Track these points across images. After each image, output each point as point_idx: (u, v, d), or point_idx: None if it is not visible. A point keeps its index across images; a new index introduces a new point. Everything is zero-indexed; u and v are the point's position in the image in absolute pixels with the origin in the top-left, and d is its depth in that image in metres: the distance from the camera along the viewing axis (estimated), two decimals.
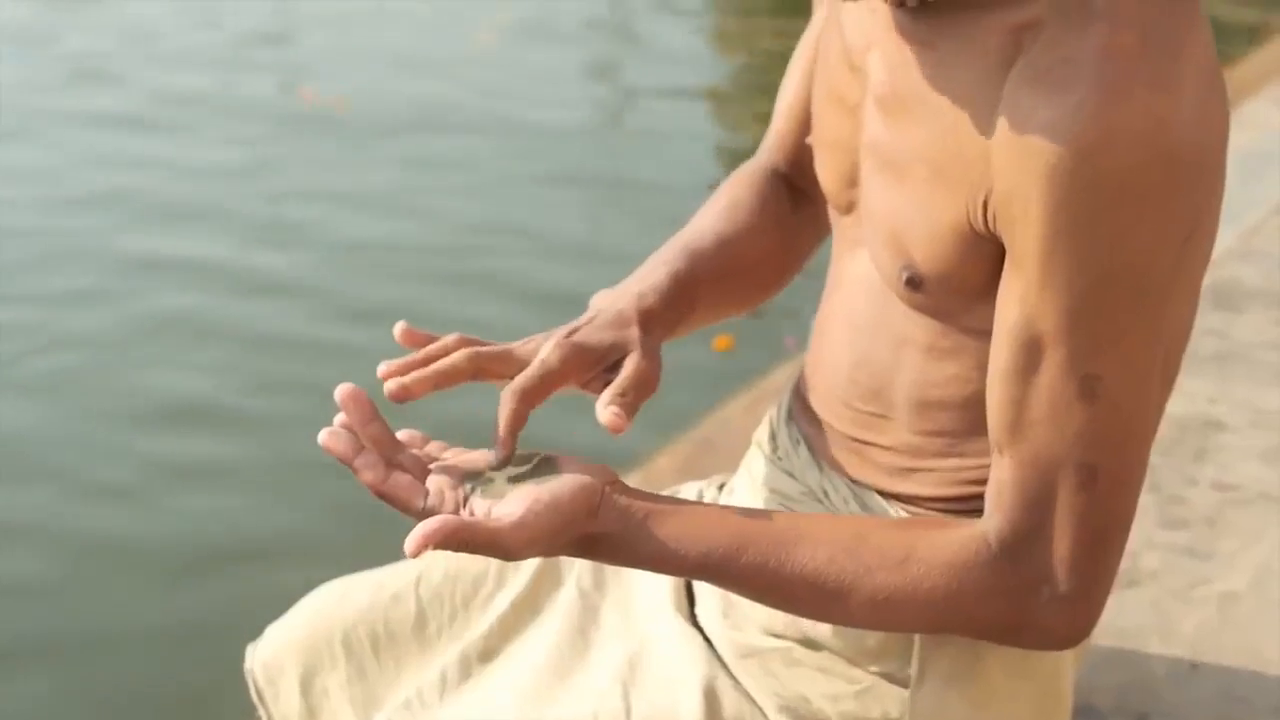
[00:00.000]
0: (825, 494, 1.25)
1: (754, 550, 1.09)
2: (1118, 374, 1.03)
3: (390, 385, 1.12)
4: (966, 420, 1.16)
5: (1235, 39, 5.67)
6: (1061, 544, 1.07)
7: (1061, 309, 1.02)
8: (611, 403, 1.13)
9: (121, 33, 5.84)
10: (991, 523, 1.09)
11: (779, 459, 1.31)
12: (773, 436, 1.33)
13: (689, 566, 1.10)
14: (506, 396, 1.13)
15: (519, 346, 1.18)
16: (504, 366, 1.17)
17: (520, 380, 1.13)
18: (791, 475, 1.29)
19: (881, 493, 1.22)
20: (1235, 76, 4.98)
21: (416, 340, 1.18)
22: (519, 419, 1.12)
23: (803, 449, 1.28)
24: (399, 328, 1.18)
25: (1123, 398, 1.04)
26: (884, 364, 1.19)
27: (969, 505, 1.18)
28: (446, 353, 1.16)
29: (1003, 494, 1.08)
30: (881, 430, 1.21)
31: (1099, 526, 1.06)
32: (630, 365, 1.18)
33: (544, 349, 1.17)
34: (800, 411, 1.30)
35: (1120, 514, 1.07)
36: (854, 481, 1.24)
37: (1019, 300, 1.04)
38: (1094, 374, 1.03)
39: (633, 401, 1.15)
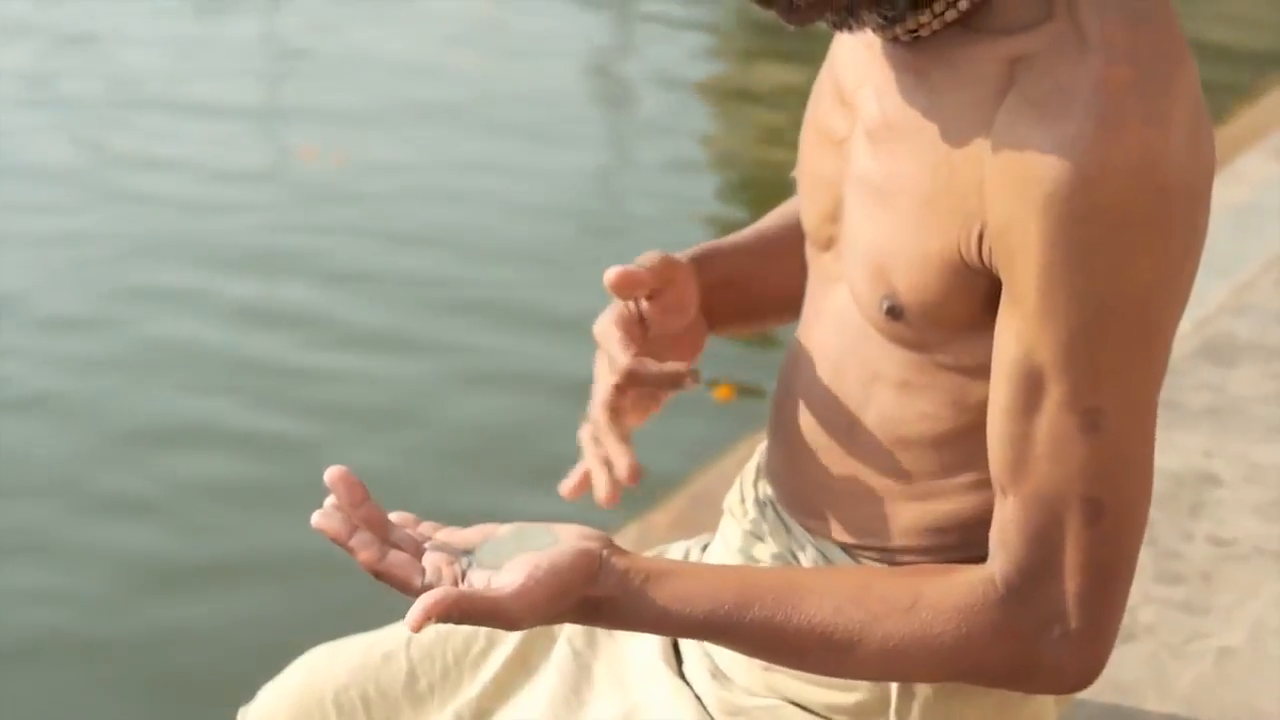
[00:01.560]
0: (794, 555, 1.25)
1: (759, 606, 1.09)
2: (1119, 406, 1.04)
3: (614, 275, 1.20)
4: (936, 460, 1.16)
5: (1221, 99, 5.70)
6: (1070, 581, 1.06)
7: (1061, 342, 1.03)
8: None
9: (112, 80, 5.89)
10: (997, 563, 1.09)
11: (749, 523, 1.31)
12: (742, 500, 1.33)
13: (694, 627, 1.10)
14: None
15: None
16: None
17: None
18: (761, 539, 1.29)
19: (847, 548, 1.22)
20: (1229, 130, 5.00)
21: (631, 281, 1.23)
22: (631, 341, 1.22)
23: (770, 511, 1.29)
24: (613, 272, 1.21)
25: (1125, 430, 1.04)
26: (854, 400, 1.19)
27: (939, 556, 1.18)
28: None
29: (1007, 533, 1.08)
30: (848, 471, 1.20)
31: (1107, 562, 1.06)
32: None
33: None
34: (768, 469, 1.30)
35: (1127, 548, 1.07)
36: (822, 537, 1.23)
37: (1017, 335, 1.05)
38: (1095, 407, 1.04)
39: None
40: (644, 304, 1.26)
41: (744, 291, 1.34)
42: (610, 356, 1.22)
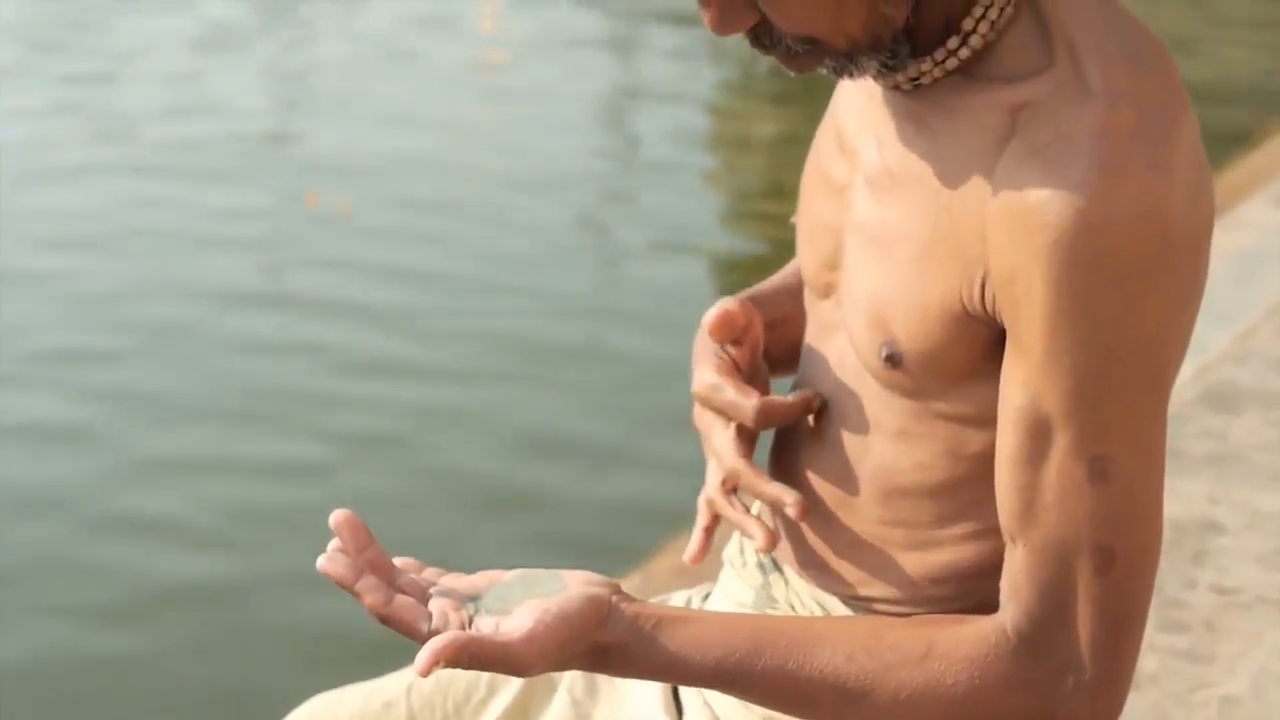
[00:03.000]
0: (793, 606, 1.25)
1: (771, 654, 1.08)
2: (1127, 453, 1.04)
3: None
4: (933, 510, 1.15)
5: (1226, 144, 5.71)
6: (1083, 630, 1.06)
7: (1067, 390, 1.03)
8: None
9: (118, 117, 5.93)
10: (1009, 613, 1.08)
11: (748, 574, 1.30)
12: (741, 551, 1.33)
13: (704, 674, 1.09)
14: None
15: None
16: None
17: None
18: (760, 590, 1.28)
19: (844, 598, 1.21)
20: (1230, 177, 5.01)
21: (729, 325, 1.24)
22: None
23: (769, 562, 1.28)
24: (718, 312, 1.23)
25: (1133, 477, 1.04)
26: (850, 448, 1.18)
27: (937, 607, 1.17)
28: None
29: (1018, 582, 1.07)
30: (844, 521, 1.19)
31: (1119, 610, 1.06)
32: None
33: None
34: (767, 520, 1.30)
35: (1139, 595, 1.06)
36: (819, 588, 1.22)
37: (1022, 384, 1.05)
38: (1104, 454, 1.03)
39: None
40: (731, 349, 1.26)
41: (786, 333, 1.33)
42: (732, 405, 1.22)
